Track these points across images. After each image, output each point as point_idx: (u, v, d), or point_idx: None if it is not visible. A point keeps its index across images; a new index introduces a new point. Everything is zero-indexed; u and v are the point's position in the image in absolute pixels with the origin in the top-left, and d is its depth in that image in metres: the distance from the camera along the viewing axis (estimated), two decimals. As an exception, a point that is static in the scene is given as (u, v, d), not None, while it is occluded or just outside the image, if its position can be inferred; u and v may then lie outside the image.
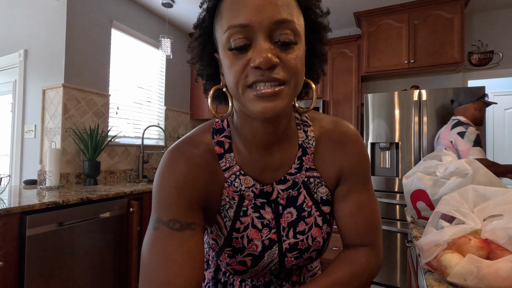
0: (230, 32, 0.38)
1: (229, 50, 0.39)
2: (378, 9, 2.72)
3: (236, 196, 0.50)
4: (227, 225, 0.51)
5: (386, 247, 2.38)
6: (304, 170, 0.52)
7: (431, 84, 2.90)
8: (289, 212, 0.52)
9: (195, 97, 3.45)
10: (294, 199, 0.52)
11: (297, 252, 0.52)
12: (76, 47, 2.22)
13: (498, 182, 0.84)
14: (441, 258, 0.55)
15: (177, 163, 0.46)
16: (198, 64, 0.49)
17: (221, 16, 0.40)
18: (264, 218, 0.51)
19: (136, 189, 2.02)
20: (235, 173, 0.50)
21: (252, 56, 0.37)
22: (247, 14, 0.37)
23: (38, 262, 1.42)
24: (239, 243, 0.51)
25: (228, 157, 0.50)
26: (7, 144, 2.65)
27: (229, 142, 0.51)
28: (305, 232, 0.52)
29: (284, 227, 0.52)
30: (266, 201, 0.51)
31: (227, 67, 0.41)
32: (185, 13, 2.95)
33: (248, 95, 0.39)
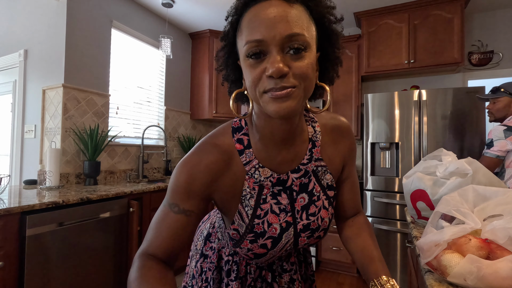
0: (248, 46, 0.45)
1: (248, 59, 0.46)
2: (378, 9, 2.72)
3: (256, 187, 0.58)
4: (249, 213, 0.58)
5: (386, 247, 2.38)
6: (313, 160, 0.61)
7: (431, 84, 2.90)
8: (302, 197, 0.61)
9: (195, 97, 3.45)
10: (306, 185, 0.61)
11: (309, 232, 0.62)
12: (76, 47, 2.22)
13: (498, 182, 0.84)
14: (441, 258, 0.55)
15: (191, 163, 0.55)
16: (224, 71, 0.58)
17: (242, 31, 0.48)
18: (281, 204, 0.59)
19: (136, 189, 2.02)
20: (254, 166, 0.57)
21: (267, 66, 0.45)
22: (262, 30, 0.44)
23: (38, 262, 1.42)
24: (260, 228, 0.58)
25: (247, 152, 0.57)
26: (7, 144, 2.65)
27: (248, 139, 0.58)
28: (316, 214, 0.62)
29: (298, 210, 0.61)
30: (282, 188, 0.59)
31: (246, 74, 0.48)
32: (185, 13, 2.95)
33: (264, 98, 0.47)
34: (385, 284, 0.55)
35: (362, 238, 0.66)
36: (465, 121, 2.19)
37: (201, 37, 3.39)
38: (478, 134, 2.16)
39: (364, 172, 2.52)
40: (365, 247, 0.64)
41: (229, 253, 0.70)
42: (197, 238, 0.81)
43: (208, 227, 0.78)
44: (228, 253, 0.70)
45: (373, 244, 0.65)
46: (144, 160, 2.73)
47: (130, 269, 0.51)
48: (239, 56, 0.52)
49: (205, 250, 0.75)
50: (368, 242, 0.65)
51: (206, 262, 0.73)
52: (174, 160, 3.26)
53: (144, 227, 2.09)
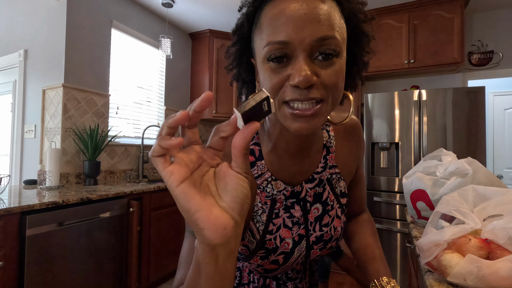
0: (269, 48, 0.38)
1: (267, 63, 0.39)
2: (378, 9, 2.72)
3: (268, 201, 0.52)
4: (260, 229, 0.53)
5: (386, 247, 2.38)
6: (328, 168, 0.56)
7: (431, 84, 2.90)
8: (316, 208, 0.56)
9: (195, 97, 3.45)
10: (320, 195, 0.56)
11: (322, 243, 0.57)
12: (76, 47, 2.22)
13: (498, 182, 0.84)
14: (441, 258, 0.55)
15: None
16: (234, 69, 0.50)
17: (261, 28, 0.40)
18: (294, 217, 0.54)
19: (136, 189, 2.02)
20: (266, 179, 0.52)
21: (292, 73, 0.37)
22: (288, 31, 0.37)
23: (38, 262, 1.42)
24: (272, 244, 0.53)
25: (259, 164, 0.52)
26: (7, 144, 2.65)
27: (259, 149, 0.52)
28: (329, 225, 0.57)
29: (312, 222, 0.56)
30: (296, 200, 0.54)
31: (264, 79, 0.41)
32: (185, 13, 2.95)
33: (284, 111, 0.40)
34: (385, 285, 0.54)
35: (363, 236, 0.65)
36: (465, 121, 2.19)
37: (201, 37, 3.39)
38: (478, 134, 2.16)
39: (364, 172, 2.52)
40: (366, 245, 0.62)
41: None
42: None
43: None
44: None
45: (375, 242, 0.63)
46: (144, 160, 2.73)
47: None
48: (254, 54, 0.45)
49: None
50: (370, 241, 0.63)
51: None
52: (174, 160, 3.26)
53: (144, 227, 2.09)
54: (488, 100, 3.44)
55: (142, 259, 2.08)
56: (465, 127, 2.19)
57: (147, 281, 2.12)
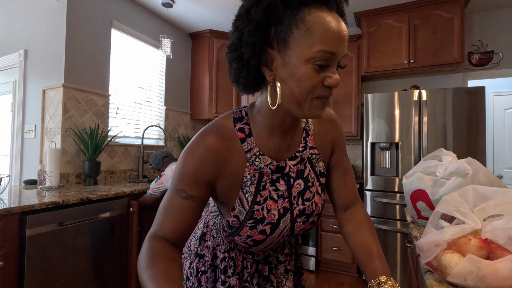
0: (322, 54, 0.47)
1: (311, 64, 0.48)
2: (378, 9, 2.72)
3: (257, 174, 0.60)
4: (249, 199, 0.60)
5: (386, 247, 2.38)
6: (308, 148, 0.65)
7: (431, 84, 2.90)
8: (298, 183, 0.64)
9: (195, 97, 3.45)
10: (302, 172, 0.64)
11: (304, 217, 0.64)
12: (76, 47, 2.22)
13: (498, 182, 0.84)
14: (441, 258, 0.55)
15: (198, 150, 0.56)
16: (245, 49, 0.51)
17: (310, 31, 0.47)
18: (279, 190, 0.62)
19: (136, 189, 2.02)
20: (255, 153, 0.60)
21: (328, 76, 0.49)
22: (336, 45, 0.47)
23: (38, 262, 1.42)
24: (259, 214, 0.60)
25: (249, 140, 0.60)
26: (7, 144, 2.65)
27: (249, 128, 0.60)
28: (310, 199, 0.65)
29: (295, 196, 0.63)
30: (281, 175, 0.62)
31: (302, 76, 0.48)
32: (185, 13, 2.95)
33: (314, 103, 0.51)
34: (383, 284, 0.55)
35: (361, 234, 0.66)
36: (465, 121, 2.19)
37: (201, 37, 3.39)
38: (478, 134, 2.16)
39: (364, 172, 2.52)
40: (365, 244, 0.64)
41: (225, 250, 0.71)
42: (189, 240, 0.80)
43: (202, 227, 0.79)
44: (224, 250, 0.71)
45: (373, 240, 0.65)
46: (144, 160, 2.73)
47: (140, 251, 0.53)
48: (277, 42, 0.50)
49: (201, 250, 0.75)
50: (368, 239, 0.65)
51: (201, 262, 0.73)
52: (174, 160, 3.26)
53: (144, 227, 2.09)
54: (488, 100, 3.44)
55: (142, 259, 2.08)
56: (465, 127, 2.19)
57: (147, 281, 2.12)
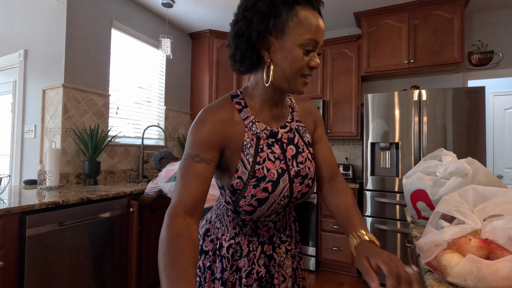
0: (309, 41, 0.63)
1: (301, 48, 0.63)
2: (378, 9, 2.72)
3: (254, 138, 0.70)
4: (250, 160, 0.68)
5: (386, 247, 2.38)
6: (295, 120, 0.78)
7: (431, 84, 2.90)
8: (290, 148, 0.74)
9: (195, 97, 3.45)
10: (292, 139, 0.75)
11: (300, 178, 0.73)
12: (76, 47, 2.22)
13: (498, 182, 0.84)
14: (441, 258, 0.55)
15: (206, 120, 0.65)
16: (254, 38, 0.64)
17: (301, 23, 0.62)
18: (275, 153, 0.71)
19: (136, 189, 2.02)
20: (251, 120, 0.71)
21: (312, 59, 0.65)
22: (319, 36, 0.64)
23: (38, 262, 1.42)
24: (260, 173, 0.68)
25: (245, 110, 0.71)
26: (7, 144, 2.65)
27: (244, 101, 0.72)
28: (303, 163, 0.75)
29: (289, 159, 0.73)
30: (275, 140, 0.72)
31: (293, 57, 0.63)
32: (185, 13, 2.95)
33: (299, 80, 0.66)
34: (362, 236, 0.61)
35: (343, 199, 0.75)
36: (465, 121, 2.19)
37: (201, 37, 3.39)
38: (478, 134, 2.16)
39: (364, 172, 2.52)
40: (346, 207, 0.73)
41: (230, 237, 0.76)
42: None
43: (204, 224, 0.83)
44: (229, 238, 0.76)
45: (353, 204, 0.74)
46: (144, 160, 2.73)
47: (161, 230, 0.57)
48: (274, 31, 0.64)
49: (205, 246, 0.79)
50: (349, 203, 0.73)
51: (207, 258, 0.77)
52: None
53: (144, 227, 2.09)
54: (488, 100, 3.44)
55: (142, 259, 2.08)
56: (465, 127, 2.19)
57: (147, 281, 2.12)
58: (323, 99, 2.96)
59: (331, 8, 2.79)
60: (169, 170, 1.92)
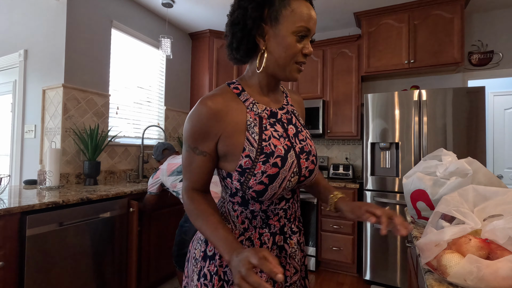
0: (301, 28, 0.66)
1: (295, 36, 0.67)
2: (378, 9, 2.72)
3: (257, 118, 0.72)
4: (256, 138, 0.69)
5: (386, 247, 2.38)
6: (290, 104, 0.82)
7: (431, 84, 2.90)
8: (291, 127, 0.77)
9: (195, 97, 3.45)
10: (290, 120, 0.78)
11: (305, 154, 0.75)
12: (76, 47, 2.22)
13: (498, 182, 0.84)
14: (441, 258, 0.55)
15: (200, 111, 0.68)
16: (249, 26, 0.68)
17: (294, 12, 0.66)
18: (278, 131, 0.73)
19: (136, 189, 2.02)
20: (251, 102, 0.73)
21: (305, 46, 0.68)
22: (311, 24, 0.68)
23: (38, 262, 1.42)
24: (268, 149, 0.69)
25: (243, 94, 0.73)
26: (7, 144, 2.65)
27: (241, 86, 0.75)
28: (305, 140, 0.78)
29: (292, 137, 0.75)
30: (275, 120, 0.75)
31: (287, 44, 0.67)
32: (185, 13, 2.95)
33: (293, 67, 0.70)
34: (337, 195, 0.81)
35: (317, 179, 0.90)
36: (465, 121, 2.19)
37: (201, 37, 3.39)
38: (478, 134, 2.16)
39: (364, 172, 2.52)
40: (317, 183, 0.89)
41: (240, 233, 0.73)
42: (194, 248, 0.79)
43: None
44: (239, 234, 0.73)
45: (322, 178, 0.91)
46: (144, 160, 2.73)
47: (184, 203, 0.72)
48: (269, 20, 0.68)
49: (209, 251, 0.74)
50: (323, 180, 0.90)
51: (212, 263, 0.72)
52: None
53: (144, 227, 2.09)
54: (488, 100, 3.44)
55: (142, 259, 2.08)
56: (465, 127, 2.19)
57: (147, 281, 2.12)
58: (323, 99, 2.96)
59: (331, 8, 2.79)
60: (171, 163, 1.90)
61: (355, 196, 2.57)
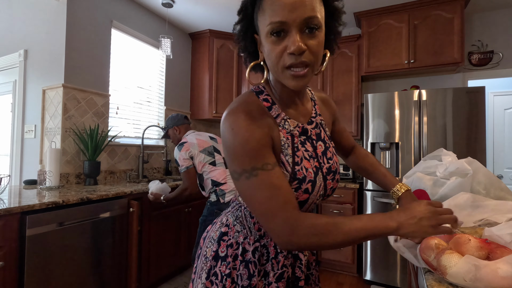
0: (271, 26, 0.53)
1: (270, 37, 0.54)
2: (378, 9, 2.72)
3: (289, 136, 0.65)
4: (289, 161, 0.64)
5: (386, 247, 2.38)
6: (318, 114, 0.74)
7: (431, 84, 2.90)
8: (320, 145, 0.71)
9: (195, 97, 3.45)
10: (319, 135, 0.72)
11: (332, 174, 0.71)
12: (76, 47, 2.22)
13: (498, 182, 0.84)
14: (441, 258, 0.55)
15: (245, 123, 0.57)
16: (241, 43, 0.65)
17: (264, 10, 0.55)
18: (308, 151, 0.68)
19: (136, 189, 2.02)
20: (283, 118, 0.66)
21: (288, 44, 0.53)
22: (284, 13, 0.52)
23: (38, 262, 1.42)
24: (301, 174, 0.64)
25: (275, 107, 0.66)
26: (7, 144, 2.65)
27: (270, 98, 0.66)
28: (332, 158, 0.73)
29: (320, 156, 0.70)
30: (306, 137, 0.69)
31: (268, 50, 0.56)
32: (185, 13, 2.95)
33: (285, 74, 0.56)
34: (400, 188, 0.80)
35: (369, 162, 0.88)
36: (465, 121, 2.19)
37: (201, 37, 3.39)
38: (478, 134, 2.16)
39: (364, 172, 2.51)
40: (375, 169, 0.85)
41: (255, 240, 0.71)
42: (205, 247, 0.77)
43: (218, 228, 0.77)
44: (254, 240, 0.71)
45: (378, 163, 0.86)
46: (144, 160, 2.73)
47: (301, 224, 0.53)
48: (257, 30, 0.60)
49: (221, 251, 0.72)
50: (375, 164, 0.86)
51: (225, 263, 0.71)
52: (174, 160, 3.26)
53: (144, 227, 2.09)
54: (488, 100, 3.44)
55: (142, 259, 2.08)
56: (465, 127, 2.19)
57: (147, 281, 2.12)
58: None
59: (331, 8, 2.79)
60: (201, 140, 1.89)
61: (355, 196, 2.57)
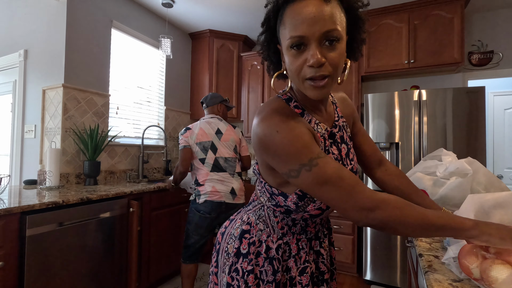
0: (291, 40, 0.56)
1: (290, 50, 0.57)
2: (378, 9, 2.72)
3: (322, 139, 0.68)
4: None
5: (386, 247, 2.38)
6: (340, 117, 0.76)
7: (431, 84, 2.90)
8: (343, 147, 0.74)
9: (195, 97, 3.45)
10: (342, 137, 0.75)
11: None
12: (76, 47, 2.22)
13: (498, 182, 0.84)
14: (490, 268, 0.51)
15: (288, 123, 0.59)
16: (265, 52, 0.69)
17: (285, 24, 0.58)
18: (334, 154, 0.71)
19: (136, 189, 2.02)
20: (315, 122, 0.68)
21: (308, 57, 0.55)
22: (303, 27, 0.54)
23: (38, 262, 1.42)
24: None
25: (306, 113, 0.68)
26: (7, 144, 2.65)
27: (300, 105, 0.68)
28: (353, 159, 0.75)
29: (344, 158, 0.73)
30: (333, 141, 0.72)
31: (288, 62, 0.59)
32: (185, 13, 2.95)
33: (306, 85, 0.58)
34: None
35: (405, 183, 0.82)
36: (465, 121, 2.19)
37: (201, 37, 3.39)
38: (478, 134, 2.16)
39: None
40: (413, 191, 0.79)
41: (278, 238, 0.73)
42: (226, 243, 0.78)
43: (239, 226, 0.78)
44: (277, 238, 0.73)
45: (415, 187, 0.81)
46: (144, 160, 2.73)
47: (384, 197, 0.54)
48: (280, 42, 0.63)
49: (243, 248, 0.74)
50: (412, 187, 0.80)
51: (247, 260, 0.72)
52: (174, 160, 3.26)
53: (144, 227, 2.09)
54: (488, 100, 3.44)
55: (142, 259, 2.08)
56: (465, 127, 2.19)
57: (147, 281, 2.12)
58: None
59: (331, 8, 2.79)
60: (203, 131, 1.88)
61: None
